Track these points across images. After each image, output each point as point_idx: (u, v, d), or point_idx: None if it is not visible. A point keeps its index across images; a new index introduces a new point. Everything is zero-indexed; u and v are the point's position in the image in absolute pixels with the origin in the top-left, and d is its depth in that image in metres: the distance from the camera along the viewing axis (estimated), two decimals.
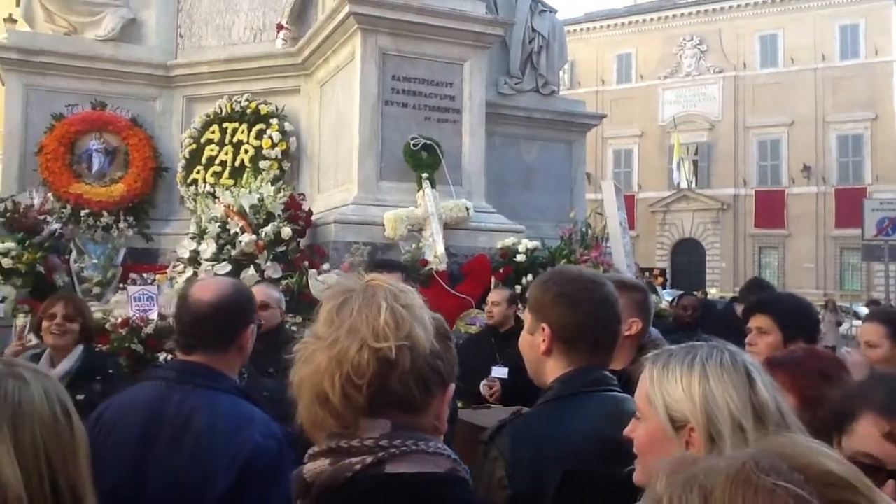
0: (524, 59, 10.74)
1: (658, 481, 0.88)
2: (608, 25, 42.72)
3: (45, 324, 3.79)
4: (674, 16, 41.11)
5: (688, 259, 39.63)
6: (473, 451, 2.02)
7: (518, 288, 7.43)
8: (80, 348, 3.76)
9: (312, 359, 1.39)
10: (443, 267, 7.56)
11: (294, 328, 6.80)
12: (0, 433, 1.09)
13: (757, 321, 3.13)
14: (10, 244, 8.10)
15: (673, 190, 39.79)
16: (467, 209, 8.17)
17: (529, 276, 7.83)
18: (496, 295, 5.86)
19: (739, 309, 5.67)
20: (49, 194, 9.43)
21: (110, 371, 3.86)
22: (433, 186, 8.09)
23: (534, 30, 10.75)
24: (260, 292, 3.79)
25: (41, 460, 1.10)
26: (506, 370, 5.30)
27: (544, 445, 1.81)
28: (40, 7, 10.52)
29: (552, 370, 1.96)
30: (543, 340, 1.96)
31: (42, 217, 8.83)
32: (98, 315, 6.24)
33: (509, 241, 8.17)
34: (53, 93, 10.18)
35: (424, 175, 8.12)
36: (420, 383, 1.40)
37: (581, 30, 41.40)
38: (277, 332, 4.01)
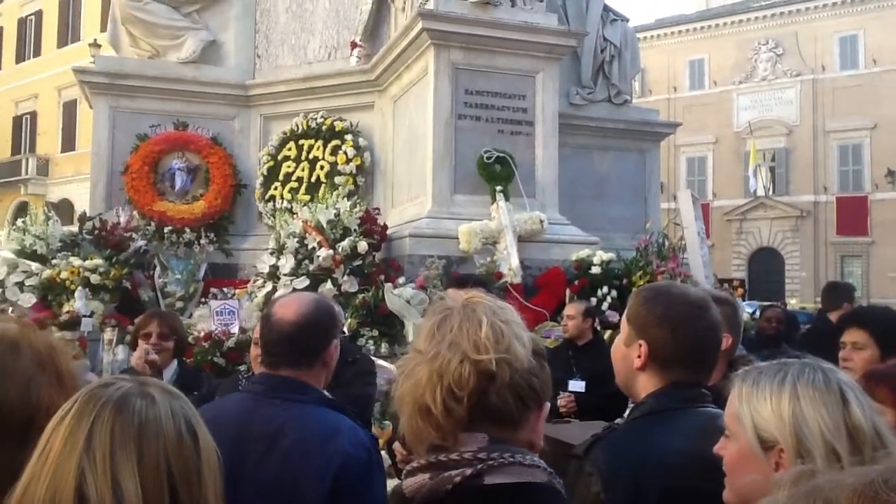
0: (596, 69, 10.61)
1: (779, 491, 0.87)
2: (679, 31, 41.90)
3: (141, 342, 3.90)
4: (747, 19, 40.09)
5: (765, 269, 38.48)
6: (556, 465, 2.01)
7: (593, 300, 7.37)
8: (174, 364, 3.88)
9: (414, 373, 1.42)
10: (517, 280, 7.53)
11: (371, 342, 6.93)
12: (125, 450, 1.10)
13: (852, 335, 2.99)
14: (98, 261, 8.44)
15: (749, 198, 38.72)
16: (541, 221, 8.12)
17: (605, 289, 7.75)
18: (571, 308, 5.83)
19: (834, 316, 5.50)
20: (134, 212, 9.77)
21: (204, 388, 3.96)
22: (507, 199, 8.08)
23: (605, 39, 10.60)
24: None
25: (163, 478, 1.12)
26: (583, 384, 5.27)
27: (640, 461, 1.79)
28: (125, 33, 10.96)
29: (644, 385, 1.93)
30: (639, 356, 1.93)
31: (128, 234, 9.16)
32: None
33: (584, 253, 8.08)
34: (138, 114, 10.54)
35: (498, 188, 8.11)
36: (517, 398, 1.42)
37: (652, 36, 40.70)
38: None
